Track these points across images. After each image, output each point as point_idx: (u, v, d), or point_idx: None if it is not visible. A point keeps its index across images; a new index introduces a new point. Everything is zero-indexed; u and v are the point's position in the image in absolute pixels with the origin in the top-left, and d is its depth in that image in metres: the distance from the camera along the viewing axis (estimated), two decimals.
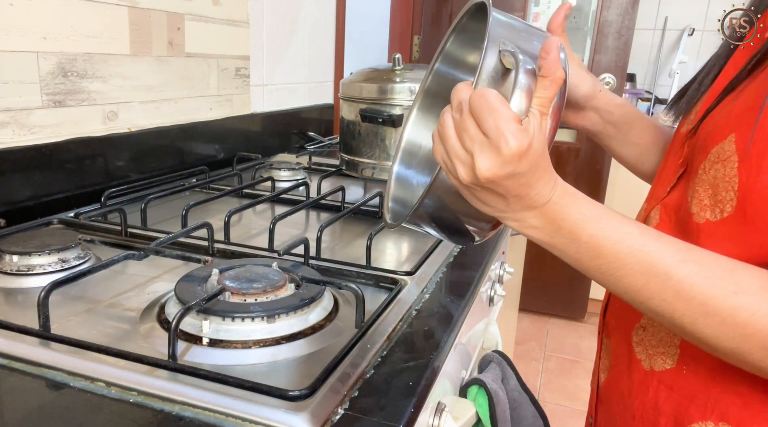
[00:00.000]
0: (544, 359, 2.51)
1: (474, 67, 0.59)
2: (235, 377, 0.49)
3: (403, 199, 0.64)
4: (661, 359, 0.54)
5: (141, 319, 0.61)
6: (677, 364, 0.53)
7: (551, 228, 0.46)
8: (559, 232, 0.46)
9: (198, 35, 1.22)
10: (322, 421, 0.45)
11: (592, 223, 0.45)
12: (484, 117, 0.42)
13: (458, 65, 0.63)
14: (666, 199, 0.56)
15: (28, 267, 0.69)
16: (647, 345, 0.56)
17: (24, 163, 0.88)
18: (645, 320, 0.56)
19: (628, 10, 2.50)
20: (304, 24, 1.66)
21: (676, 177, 0.56)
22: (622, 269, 0.45)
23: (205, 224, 0.80)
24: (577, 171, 2.65)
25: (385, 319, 0.62)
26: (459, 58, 0.63)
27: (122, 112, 1.06)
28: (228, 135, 1.36)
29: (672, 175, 0.57)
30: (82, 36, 0.95)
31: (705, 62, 0.60)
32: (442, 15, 2.81)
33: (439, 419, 0.58)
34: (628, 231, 0.45)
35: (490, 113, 0.41)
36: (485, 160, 0.42)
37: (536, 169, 0.43)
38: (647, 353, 0.56)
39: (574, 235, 0.45)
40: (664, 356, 0.54)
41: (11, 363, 0.51)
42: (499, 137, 0.41)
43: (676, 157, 0.58)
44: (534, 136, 0.42)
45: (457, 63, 0.63)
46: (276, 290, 0.61)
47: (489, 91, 0.42)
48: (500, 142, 0.41)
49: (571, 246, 0.46)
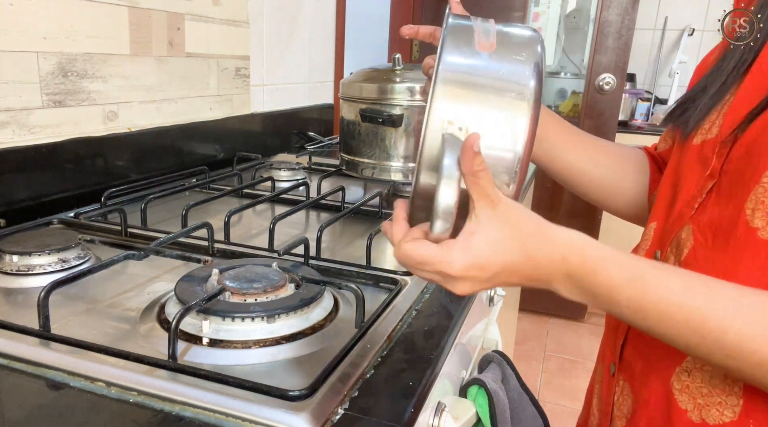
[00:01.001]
0: (544, 359, 2.51)
1: None
2: (235, 377, 0.49)
3: None
4: (717, 411, 0.47)
5: (141, 319, 0.61)
6: (740, 417, 0.46)
7: (587, 295, 0.44)
8: (597, 299, 0.44)
9: (198, 35, 1.22)
10: (322, 421, 0.45)
11: (625, 286, 0.43)
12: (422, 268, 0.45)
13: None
14: (697, 216, 0.51)
15: (28, 267, 0.69)
16: (695, 394, 0.49)
17: (24, 163, 0.88)
18: (689, 363, 0.50)
19: (628, 10, 2.50)
20: (304, 24, 1.66)
21: (703, 192, 0.51)
22: (673, 329, 0.42)
23: (205, 224, 0.80)
24: None
25: (385, 319, 0.62)
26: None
27: (122, 112, 1.06)
28: (228, 135, 1.36)
29: (697, 190, 0.52)
30: (82, 36, 0.95)
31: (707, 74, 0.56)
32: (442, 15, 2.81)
33: (439, 419, 0.58)
34: (668, 287, 0.42)
35: (422, 266, 0.44)
36: (456, 286, 0.45)
37: (514, 255, 0.43)
38: (695, 402, 0.49)
39: (612, 301, 0.43)
40: (720, 407, 0.47)
41: (11, 363, 0.51)
42: (444, 271, 0.43)
43: (698, 170, 0.53)
44: (478, 240, 0.42)
45: None
46: (276, 290, 0.61)
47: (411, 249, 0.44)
48: (448, 272, 0.43)
49: (614, 310, 0.44)
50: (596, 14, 2.54)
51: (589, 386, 0.71)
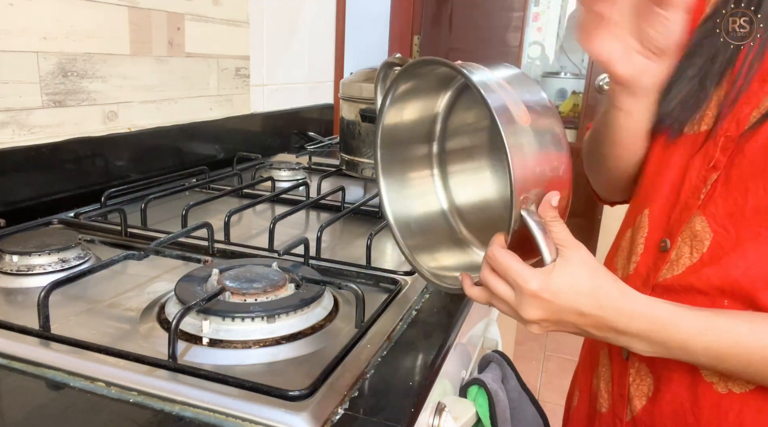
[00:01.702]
0: (544, 359, 2.51)
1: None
2: (235, 377, 0.49)
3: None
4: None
5: (141, 319, 0.61)
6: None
7: (661, 350, 0.48)
8: (671, 352, 0.48)
9: (198, 35, 1.22)
10: (322, 421, 0.45)
11: (699, 336, 0.47)
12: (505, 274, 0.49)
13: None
14: (707, 207, 0.53)
15: (28, 267, 0.69)
16: None
17: (24, 163, 0.88)
18: None
19: None
20: (304, 24, 1.66)
21: (707, 182, 0.53)
22: (751, 368, 0.47)
23: (205, 224, 0.80)
24: (577, 171, 2.64)
25: (385, 319, 0.62)
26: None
27: (122, 112, 1.06)
28: (228, 135, 1.36)
29: (700, 181, 0.54)
30: (82, 36, 0.95)
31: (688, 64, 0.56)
32: (442, 15, 2.81)
33: (439, 419, 0.58)
34: (738, 332, 0.47)
35: (506, 272, 0.48)
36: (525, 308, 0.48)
37: (582, 297, 0.47)
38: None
39: (688, 351, 0.47)
40: None
41: (11, 363, 0.51)
42: (520, 284, 0.47)
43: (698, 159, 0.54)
44: (558, 271, 0.47)
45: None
46: (276, 290, 0.61)
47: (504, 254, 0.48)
48: (523, 286, 0.47)
49: (690, 360, 0.49)
50: None
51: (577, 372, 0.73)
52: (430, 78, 0.60)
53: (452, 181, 0.68)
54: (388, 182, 0.66)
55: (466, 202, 0.67)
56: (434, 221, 0.67)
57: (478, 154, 0.66)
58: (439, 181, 0.68)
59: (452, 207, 0.68)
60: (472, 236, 0.66)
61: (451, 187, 0.68)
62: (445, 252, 0.65)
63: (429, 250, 0.65)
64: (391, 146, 0.65)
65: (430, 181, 0.68)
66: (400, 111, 0.63)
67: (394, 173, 0.66)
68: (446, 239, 0.67)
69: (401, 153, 0.66)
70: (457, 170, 0.67)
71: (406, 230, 0.65)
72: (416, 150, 0.67)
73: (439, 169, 0.68)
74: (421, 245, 0.65)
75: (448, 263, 0.64)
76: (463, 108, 0.64)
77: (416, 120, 0.64)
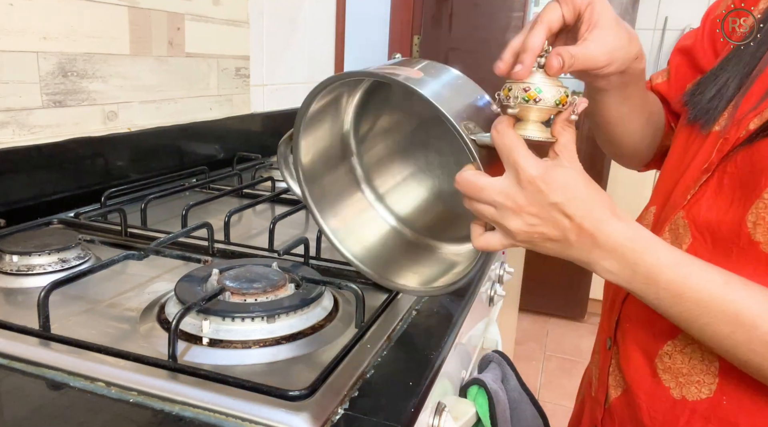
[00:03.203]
0: (544, 359, 2.51)
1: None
2: (235, 377, 0.49)
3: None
4: (696, 388, 0.51)
5: (141, 319, 0.61)
6: (715, 394, 0.49)
7: (627, 273, 0.45)
8: (635, 277, 0.45)
9: (198, 35, 1.22)
10: (322, 421, 0.45)
11: (669, 269, 0.44)
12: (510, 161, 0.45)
13: None
14: (691, 209, 0.52)
15: (28, 267, 0.69)
16: (677, 373, 0.52)
17: (24, 163, 0.88)
18: (670, 347, 0.53)
19: (628, 10, 2.50)
20: (304, 24, 1.66)
21: (697, 184, 0.52)
22: (705, 317, 0.44)
23: (205, 224, 0.80)
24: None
25: (385, 319, 0.62)
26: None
27: (122, 112, 1.06)
28: (228, 135, 1.36)
29: (692, 180, 0.53)
30: (82, 36, 0.95)
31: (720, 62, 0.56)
32: (442, 15, 2.81)
33: (439, 419, 0.58)
34: (709, 278, 0.44)
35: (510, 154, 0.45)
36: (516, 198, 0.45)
37: (576, 199, 0.44)
38: (677, 381, 0.52)
39: (651, 280, 0.45)
40: (698, 385, 0.51)
41: (11, 363, 0.51)
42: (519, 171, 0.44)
43: (699, 158, 0.53)
44: (555, 164, 0.45)
45: None
46: (276, 290, 0.61)
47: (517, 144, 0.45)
48: (520, 174, 0.44)
49: (649, 292, 0.46)
50: None
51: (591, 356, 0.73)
52: (329, 102, 0.60)
53: (388, 198, 0.68)
54: (328, 220, 0.65)
55: (410, 210, 0.68)
56: (392, 241, 0.67)
57: (396, 161, 0.66)
58: (376, 202, 0.68)
59: (400, 221, 0.68)
60: (432, 239, 0.66)
61: (389, 204, 0.68)
62: (420, 262, 0.65)
63: (402, 267, 0.64)
64: (318, 184, 0.64)
65: (367, 205, 0.68)
66: (312, 141, 0.62)
67: (333, 212, 0.65)
68: (412, 251, 0.66)
69: (329, 187, 0.65)
70: (386, 184, 0.68)
71: (372, 262, 0.64)
72: (341, 178, 0.66)
73: (370, 189, 0.68)
74: (395, 268, 0.64)
75: (429, 271, 0.64)
76: (369, 116, 0.64)
77: (328, 144, 0.64)
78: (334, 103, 0.61)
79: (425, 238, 0.67)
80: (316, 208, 0.64)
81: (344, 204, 0.66)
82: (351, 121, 0.64)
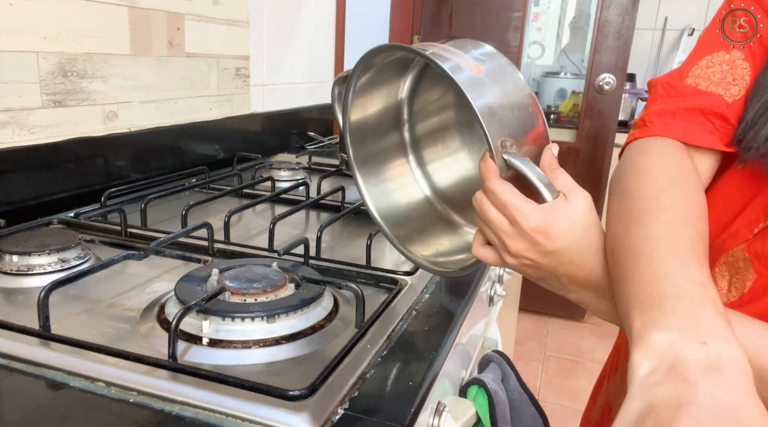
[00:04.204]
0: (544, 359, 2.51)
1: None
2: (235, 377, 0.49)
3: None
4: None
5: (141, 319, 0.61)
6: None
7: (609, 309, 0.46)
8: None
9: (198, 35, 1.22)
10: (322, 421, 0.45)
11: None
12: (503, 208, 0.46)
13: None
14: (754, 244, 0.50)
15: (28, 267, 0.69)
16: None
17: (24, 163, 0.88)
18: None
19: (628, 10, 2.50)
20: (304, 24, 1.66)
21: (764, 221, 0.50)
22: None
23: (205, 224, 0.80)
24: (577, 171, 2.65)
25: (385, 319, 0.62)
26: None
27: (122, 112, 1.06)
28: (228, 135, 1.36)
29: (762, 213, 0.51)
30: (82, 36, 0.95)
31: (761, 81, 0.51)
32: (442, 15, 2.81)
33: (439, 419, 0.58)
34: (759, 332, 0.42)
35: (504, 207, 0.46)
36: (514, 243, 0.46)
37: (573, 246, 0.44)
38: None
39: None
40: None
41: (11, 363, 0.51)
42: (518, 220, 0.45)
43: (763, 196, 0.51)
44: (561, 212, 0.45)
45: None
46: (276, 290, 0.61)
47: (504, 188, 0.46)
48: (520, 222, 0.45)
49: None
50: (596, 14, 2.54)
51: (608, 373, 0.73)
52: (387, 66, 0.60)
53: (430, 167, 0.68)
54: (366, 179, 0.65)
55: (448, 184, 0.67)
56: (420, 209, 0.67)
57: (449, 134, 0.66)
58: (417, 169, 0.68)
59: (435, 192, 0.68)
60: (460, 217, 0.66)
61: (429, 173, 0.68)
62: (438, 237, 0.65)
63: (421, 238, 0.65)
64: (363, 142, 0.64)
65: (407, 169, 0.67)
66: (364, 105, 0.62)
67: (371, 169, 0.66)
68: (436, 224, 0.66)
69: (373, 146, 0.65)
70: (432, 154, 0.67)
71: (393, 223, 0.65)
72: (388, 141, 0.66)
73: (415, 156, 0.68)
74: (412, 235, 0.64)
75: (442, 248, 0.64)
76: (426, 89, 0.64)
77: (382, 110, 0.64)
78: (390, 70, 0.61)
79: (452, 213, 0.67)
80: (357, 166, 0.64)
81: (384, 165, 0.66)
82: (407, 89, 0.64)
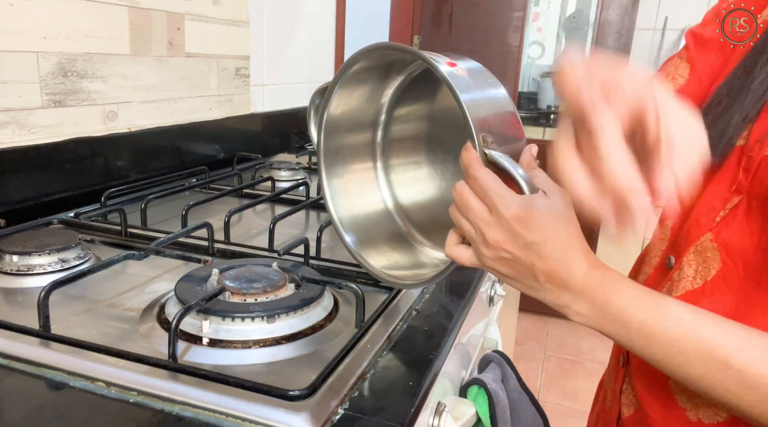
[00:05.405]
0: (544, 359, 2.51)
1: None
2: (235, 377, 0.49)
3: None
4: (713, 411, 0.49)
5: (141, 319, 0.61)
6: (733, 417, 0.48)
7: (597, 315, 0.45)
8: (605, 318, 0.44)
9: (198, 35, 1.22)
10: (322, 421, 0.45)
11: (639, 309, 0.43)
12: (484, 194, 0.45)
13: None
14: (721, 233, 0.50)
15: (28, 267, 0.69)
16: (693, 394, 0.50)
17: (24, 163, 0.88)
18: None
19: (628, 10, 2.50)
20: (304, 24, 1.66)
21: (726, 206, 0.50)
22: (679, 357, 0.43)
23: (205, 224, 0.80)
24: None
25: (385, 319, 0.62)
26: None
27: (122, 112, 1.06)
28: (228, 135, 1.36)
29: (719, 201, 0.51)
30: (82, 36, 0.95)
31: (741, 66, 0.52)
32: (442, 15, 2.81)
33: (439, 419, 0.58)
34: (678, 316, 0.43)
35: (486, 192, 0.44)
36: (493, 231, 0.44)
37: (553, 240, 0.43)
38: (693, 402, 0.51)
39: (623, 323, 0.44)
40: (716, 408, 0.49)
41: (11, 363, 0.51)
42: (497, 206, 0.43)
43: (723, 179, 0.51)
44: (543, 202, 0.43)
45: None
46: (276, 290, 0.61)
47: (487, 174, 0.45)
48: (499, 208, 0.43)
49: (621, 334, 0.45)
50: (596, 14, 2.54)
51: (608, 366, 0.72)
52: (376, 68, 0.60)
53: (395, 178, 0.68)
54: (330, 177, 0.65)
55: (410, 201, 0.68)
56: (380, 218, 0.67)
57: (418, 148, 0.66)
58: (382, 176, 0.68)
59: (397, 205, 0.68)
60: (419, 234, 0.66)
61: (393, 184, 0.68)
62: (394, 250, 0.65)
63: (377, 247, 0.65)
64: (335, 133, 0.64)
65: (372, 175, 0.67)
66: (348, 97, 0.62)
67: (337, 167, 0.66)
68: (393, 237, 0.67)
69: (344, 140, 0.65)
70: (399, 164, 0.67)
71: (351, 225, 0.65)
72: (360, 137, 0.66)
73: (382, 162, 0.68)
74: (369, 242, 0.64)
75: (398, 260, 0.64)
76: (409, 98, 0.64)
77: (361, 107, 0.64)
78: (380, 70, 0.61)
79: (411, 230, 0.67)
80: (324, 161, 0.64)
81: (352, 169, 0.66)
82: (391, 95, 0.64)
